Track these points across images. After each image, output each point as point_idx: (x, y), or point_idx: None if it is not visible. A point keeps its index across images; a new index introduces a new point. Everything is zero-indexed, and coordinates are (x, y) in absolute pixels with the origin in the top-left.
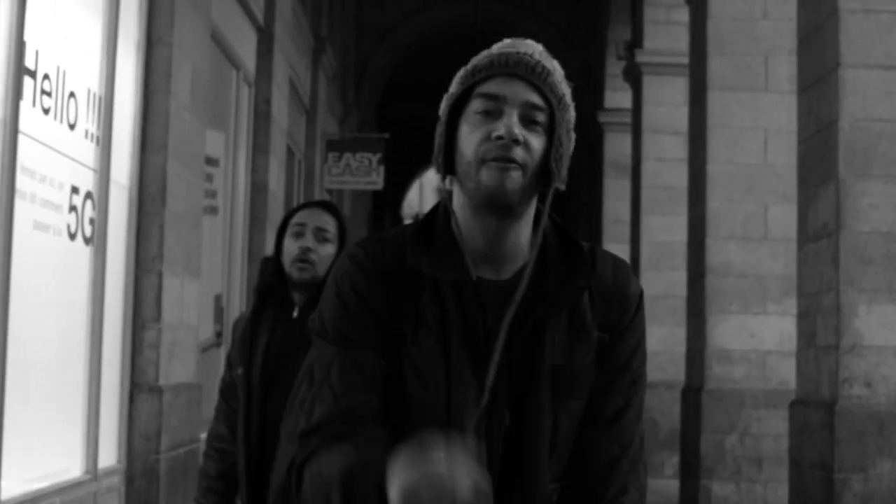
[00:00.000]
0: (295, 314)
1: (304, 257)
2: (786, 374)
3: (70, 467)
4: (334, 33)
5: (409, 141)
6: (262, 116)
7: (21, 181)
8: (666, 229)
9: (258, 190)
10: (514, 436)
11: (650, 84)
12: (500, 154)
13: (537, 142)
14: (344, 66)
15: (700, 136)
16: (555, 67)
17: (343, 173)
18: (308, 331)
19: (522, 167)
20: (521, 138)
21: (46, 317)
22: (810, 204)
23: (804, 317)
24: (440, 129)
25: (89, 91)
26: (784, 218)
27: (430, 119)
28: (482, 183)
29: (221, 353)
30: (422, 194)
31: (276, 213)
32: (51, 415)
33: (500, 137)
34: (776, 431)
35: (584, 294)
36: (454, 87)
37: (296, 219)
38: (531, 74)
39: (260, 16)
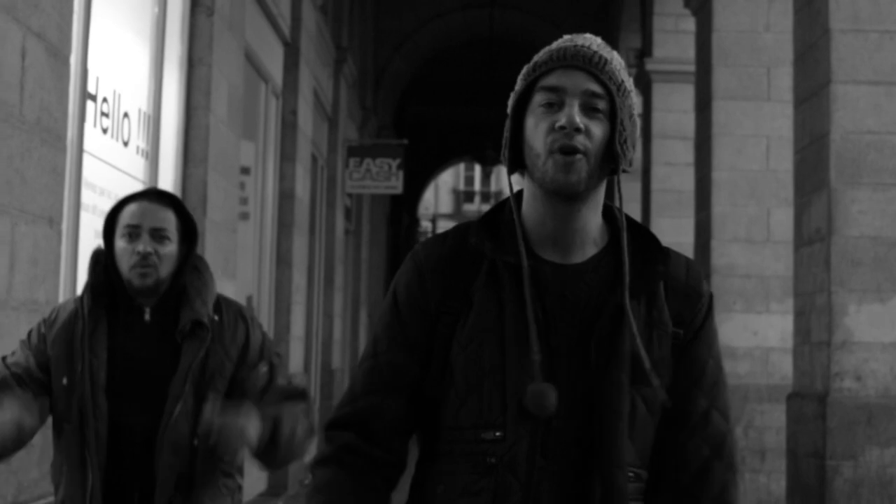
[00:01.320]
0: (147, 317)
1: (144, 262)
2: (787, 369)
3: None
4: (354, 42)
5: (425, 142)
6: (289, 126)
7: (85, 195)
8: (675, 231)
9: (286, 197)
10: (593, 418)
11: (659, 91)
12: (564, 143)
13: (599, 128)
14: (363, 73)
15: (705, 143)
16: (613, 57)
17: (364, 178)
18: (174, 335)
19: (585, 154)
20: (582, 126)
21: None
22: (805, 210)
23: (800, 315)
24: (507, 125)
25: (140, 111)
26: (786, 221)
27: (446, 120)
28: (549, 174)
29: None
30: (437, 195)
31: (302, 218)
32: None
33: (562, 127)
34: (779, 424)
35: (660, 283)
36: (518, 85)
37: (127, 219)
38: (589, 64)
39: (287, 31)
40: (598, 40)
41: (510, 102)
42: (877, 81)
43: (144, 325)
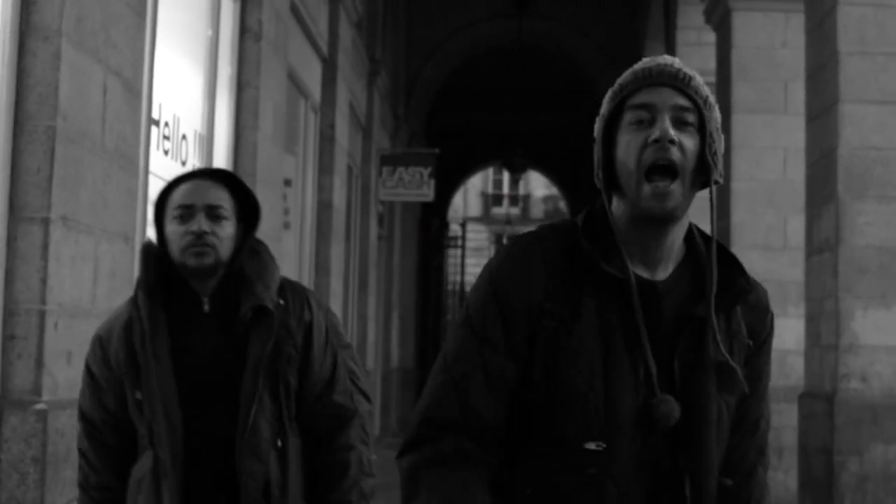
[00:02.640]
0: (206, 307)
1: (199, 242)
2: (803, 371)
3: None
4: (387, 53)
5: (454, 148)
6: (326, 140)
7: (150, 212)
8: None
9: (324, 207)
10: (682, 429)
11: None
12: (660, 157)
13: (690, 141)
14: (394, 82)
15: (725, 154)
16: (695, 74)
17: (396, 186)
18: (236, 325)
19: (681, 171)
20: (675, 139)
21: None
22: (815, 221)
23: (811, 320)
24: (597, 148)
25: (195, 132)
26: (802, 229)
27: (474, 127)
28: (643, 201)
29: None
30: (466, 198)
31: (339, 227)
32: None
33: (656, 140)
34: (795, 424)
35: (741, 297)
36: (604, 107)
37: (178, 199)
38: (675, 80)
39: (325, 48)
40: (678, 60)
41: (598, 126)
42: (882, 101)
43: (204, 316)
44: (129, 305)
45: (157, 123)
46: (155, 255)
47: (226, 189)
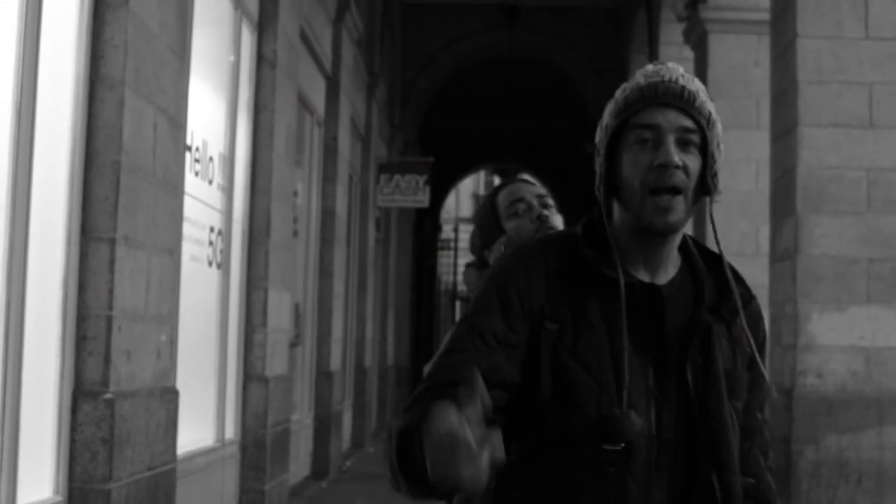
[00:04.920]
0: None
1: (542, 227)
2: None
3: (205, 437)
4: (384, 65)
5: (447, 152)
6: (330, 151)
7: (185, 227)
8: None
9: (328, 214)
10: (701, 432)
11: None
12: (664, 182)
13: (694, 163)
14: (391, 92)
15: None
16: (699, 88)
17: (393, 192)
18: None
19: (684, 191)
20: (680, 163)
21: (196, 322)
22: (777, 232)
23: (773, 322)
24: (599, 161)
25: (219, 153)
26: None
27: (467, 132)
28: (646, 215)
29: (299, 352)
30: (458, 199)
31: (341, 233)
32: (189, 399)
33: (661, 165)
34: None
35: (742, 304)
36: (608, 120)
37: (506, 199)
38: (680, 101)
39: (329, 67)
40: (681, 70)
41: (601, 137)
42: (837, 125)
43: None
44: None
45: (189, 149)
46: None
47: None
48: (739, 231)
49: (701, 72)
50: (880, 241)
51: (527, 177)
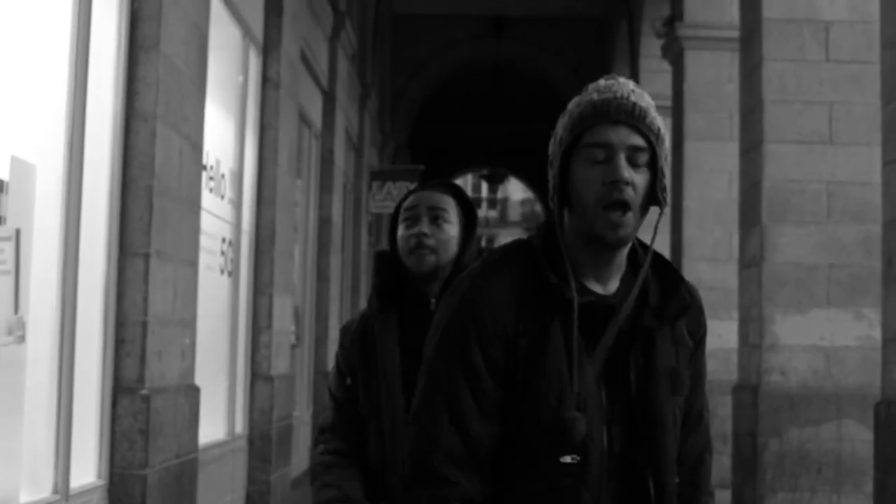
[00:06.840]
0: (432, 307)
1: (419, 243)
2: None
3: (217, 431)
4: (375, 75)
5: (436, 157)
6: (326, 162)
7: (202, 240)
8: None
9: (324, 222)
10: (642, 432)
11: None
12: (615, 198)
13: (642, 179)
14: (382, 100)
15: (678, 177)
16: (648, 104)
17: (385, 199)
18: None
19: (633, 206)
20: (629, 180)
21: (209, 325)
22: (746, 240)
23: (742, 323)
24: (553, 172)
25: (230, 170)
26: None
27: (455, 136)
28: (597, 229)
29: (298, 353)
30: None
31: (337, 239)
32: (205, 396)
33: (613, 182)
34: None
35: (685, 306)
36: (562, 133)
37: (406, 203)
38: (631, 118)
39: (325, 82)
40: (631, 85)
41: (555, 149)
42: (800, 141)
43: (431, 315)
44: (367, 307)
45: (205, 168)
46: (388, 261)
47: (451, 195)
48: (713, 238)
49: (678, 87)
50: (839, 249)
51: (454, 182)
